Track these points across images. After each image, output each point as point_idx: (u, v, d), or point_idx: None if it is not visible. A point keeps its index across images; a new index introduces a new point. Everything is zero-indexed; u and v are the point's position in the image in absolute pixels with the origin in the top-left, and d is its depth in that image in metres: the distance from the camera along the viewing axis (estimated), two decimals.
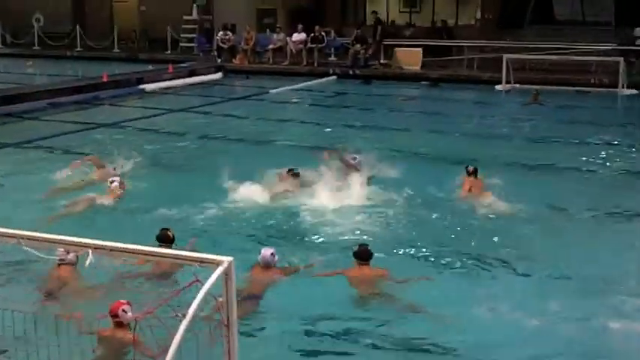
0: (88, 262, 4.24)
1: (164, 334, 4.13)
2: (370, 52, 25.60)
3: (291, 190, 10.68)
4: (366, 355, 6.39)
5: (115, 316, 5.70)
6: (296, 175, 11.04)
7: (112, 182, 10.62)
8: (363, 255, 7.69)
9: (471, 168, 11.01)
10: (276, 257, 7.73)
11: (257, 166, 11.87)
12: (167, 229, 8.18)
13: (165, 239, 8.00)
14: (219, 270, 4.03)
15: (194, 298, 3.94)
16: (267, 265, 7.66)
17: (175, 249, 8.01)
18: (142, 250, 4.20)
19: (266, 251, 7.71)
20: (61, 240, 4.28)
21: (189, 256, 4.13)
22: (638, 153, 13.93)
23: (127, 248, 4.17)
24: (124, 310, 5.66)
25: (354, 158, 11.74)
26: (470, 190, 10.68)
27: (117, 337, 5.72)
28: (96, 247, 4.11)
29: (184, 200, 10.23)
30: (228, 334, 4.21)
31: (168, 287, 6.30)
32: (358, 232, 9.22)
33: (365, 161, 11.68)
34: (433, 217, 9.86)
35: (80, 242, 4.22)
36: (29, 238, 4.30)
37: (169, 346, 3.84)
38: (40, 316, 4.78)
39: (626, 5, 25.97)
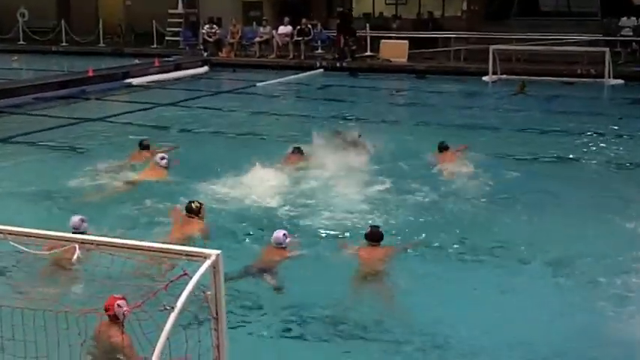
0: (75, 257, 4.21)
1: (153, 328, 4.12)
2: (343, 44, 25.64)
3: (299, 168, 11.32)
4: (355, 347, 6.42)
5: (109, 309, 5.52)
6: (300, 151, 11.80)
7: (162, 159, 11.18)
8: (374, 237, 7.90)
9: (444, 144, 11.91)
10: (288, 239, 8.02)
11: (244, 158, 11.91)
12: (192, 201, 8.73)
13: (190, 210, 8.56)
14: (207, 263, 4.03)
15: (182, 291, 3.94)
16: (279, 245, 7.96)
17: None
18: (129, 245, 4.19)
19: (278, 232, 8.03)
20: (46, 235, 4.26)
21: (177, 250, 4.12)
22: (624, 142, 13.99)
23: (113, 243, 4.16)
24: (119, 305, 5.49)
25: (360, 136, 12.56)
26: (446, 162, 11.54)
27: (109, 334, 5.59)
28: (82, 242, 4.10)
29: (175, 192, 10.23)
30: (217, 327, 4.21)
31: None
32: (357, 215, 9.44)
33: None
34: (420, 200, 10.12)
35: (66, 237, 4.20)
36: (15, 234, 4.28)
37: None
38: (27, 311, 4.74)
39: None
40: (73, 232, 7.68)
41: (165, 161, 11.17)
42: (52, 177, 11.44)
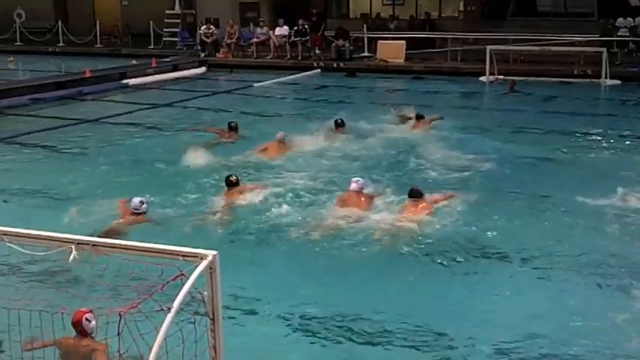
0: (71, 258, 4.21)
1: (150, 328, 4.13)
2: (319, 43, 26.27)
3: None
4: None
5: (78, 325, 5.48)
6: (342, 125, 14.27)
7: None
8: (416, 193, 9.51)
9: (420, 114, 15.08)
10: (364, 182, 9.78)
11: (242, 159, 12.00)
12: (230, 175, 10.13)
13: (229, 183, 9.94)
14: (204, 264, 4.03)
15: (179, 291, 3.94)
16: (358, 191, 9.62)
17: None
18: (125, 245, 4.19)
19: (357, 180, 9.70)
20: (43, 236, 4.26)
21: (173, 250, 4.12)
22: (620, 142, 14.00)
23: (110, 243, 4.16)
24: (87, 319, 5.46)
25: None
26: (420, 128, 14.50)
27: (81, 347, 5.51)
28: (79, 243, 4.10)
29: (176, 191, 10.29)
30: (214, 327, 4.22)
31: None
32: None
33: None
34: None
35: (62, 238, 4.20)
36: (11, 235, 4.28)
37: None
38: None
39: None
40: (133, 213, 8.95)
41: (285, 137, 12.86)
42: (50, 177, 11.49)
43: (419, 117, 15.01)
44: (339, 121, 14.44)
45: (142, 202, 8.96)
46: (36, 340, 5.25)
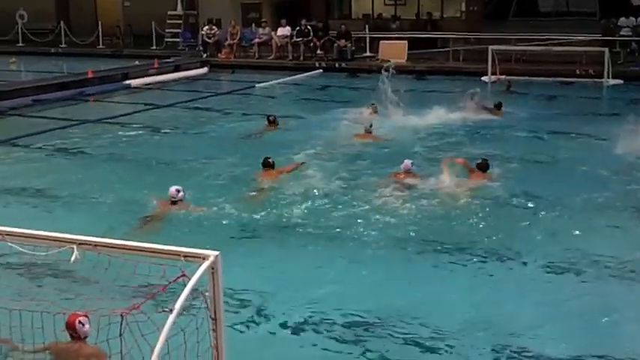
0: (73, 259, 4.20)
1: (152, 329, 4.13)
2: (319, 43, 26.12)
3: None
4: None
5: (71, 329, 5.41)
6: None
7: (370, 125, 14.20)
8: (483, 166, 10.84)
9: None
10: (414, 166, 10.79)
11: (244, 160, 12.00)
12: (269, 157, 10.98)
13: (266, 164, 10.87)
14: (206, 264, 4.02)
15: (181, 292, 3.94)
16: (407, 171, 10.71)
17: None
18: (126, 245, 4.19)
19: (407, 161, 10.76)
20: (44, 236, 4.26)
21: (175, 251, 4.11)
22: (623, 142, 13.95)
23: (111, 244, 4.16)
24: (80, 323, 5.39)
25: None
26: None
27: (73, 351, 5.44)
28: (80, 243, 4.09)
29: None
30: (216, 328, 4.21)
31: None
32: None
33: None
34: (417, 196, 10.00)
35: (64, 238, 4.20)
36: (13, 235, 4.28)
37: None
38: None
39: None
40: (171, 202, 9.39)
41: (372, 127, 13.96)
42: (53, 177, 11.50)
43: (498, 106, 16.42)
44: (374, 104, 16.09)
45: (177, 191, 9.39)
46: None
